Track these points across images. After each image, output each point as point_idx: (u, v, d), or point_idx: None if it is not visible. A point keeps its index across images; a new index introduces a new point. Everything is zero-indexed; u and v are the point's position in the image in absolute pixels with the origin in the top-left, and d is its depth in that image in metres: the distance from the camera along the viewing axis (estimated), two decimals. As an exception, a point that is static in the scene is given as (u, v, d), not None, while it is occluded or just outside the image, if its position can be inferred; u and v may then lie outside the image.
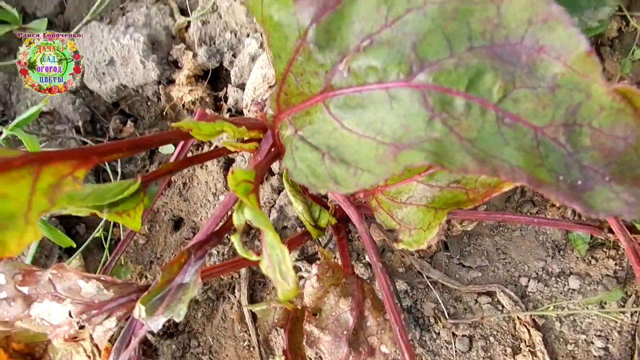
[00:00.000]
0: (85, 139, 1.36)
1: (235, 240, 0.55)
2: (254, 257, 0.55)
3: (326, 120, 0.55)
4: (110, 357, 0.73)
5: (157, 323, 0.62)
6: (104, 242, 1.26)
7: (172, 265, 0.65)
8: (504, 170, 0.46)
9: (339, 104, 0.54)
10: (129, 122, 1.44)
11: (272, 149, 0.82)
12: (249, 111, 1.03)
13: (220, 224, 0.83)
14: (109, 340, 0.81)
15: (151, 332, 1.23)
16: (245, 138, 0.84)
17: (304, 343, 0.78)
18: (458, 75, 0.49)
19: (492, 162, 0.46)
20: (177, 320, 0.62)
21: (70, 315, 0.75)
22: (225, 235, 0.78)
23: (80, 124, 1.36)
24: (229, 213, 0.92)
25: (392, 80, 0.51)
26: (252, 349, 1.18)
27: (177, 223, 1.36)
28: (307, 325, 0.78)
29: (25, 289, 0.79)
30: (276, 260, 0.52)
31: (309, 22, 0.53)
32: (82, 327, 0.76)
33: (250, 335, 1.18)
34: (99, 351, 0.82)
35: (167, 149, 1.38)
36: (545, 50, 0.49)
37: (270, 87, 0.99)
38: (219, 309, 1.22)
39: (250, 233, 1.25)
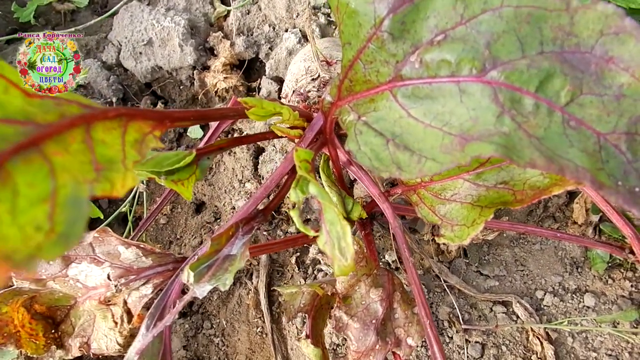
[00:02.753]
0: (116, 115, 1.38)
1: (294, 215, 0.57)
2: (312, 233, 0.57)
3: (392, 108, 0.57)
4: (144, 321, 0.74)
5: (203, 289, 0.64)
6: (129, 216, 1.28)
7: (220, 237, 0.67)
8: (569, 169, 0.48)
9: (407, 94, 0.57)
10: (160, 104, 1.46)
11: (318, 138, 0.84)
12: (288, 101, 1.06)
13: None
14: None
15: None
16: (289, 125, 0.86)
17: (332, 328, 0.79)
18: (529, 76, 0.51)
19: (559, 161, 0.48)
20: (222, 289, 0.64)
21: (108, 277, 0.77)
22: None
23: (113, 100, 1.38)
24: (270, 197, 0.94)
25: (465, 74, 0.53)
26: (264, 335, 1.19)
27: (199, 207, 1.38)
28: (337, 311, 0.80)
29: (65, 250, 0.80)
30: (336, 236, 0.54)
31: (386, 12, 0.56)
32: (118, 291, 0.77)
33: (264, 322, 1.19)
34: (130, 317, 0.84)
35: (195, 133, 1.40)
36: (614, 61, 0.51)
37: (313, 79, 1.02)
38: (235, 294, 1.24)
39: (273, 223, 1.27)
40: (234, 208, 1.29)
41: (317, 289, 0.83)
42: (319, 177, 1.18)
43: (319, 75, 1.01)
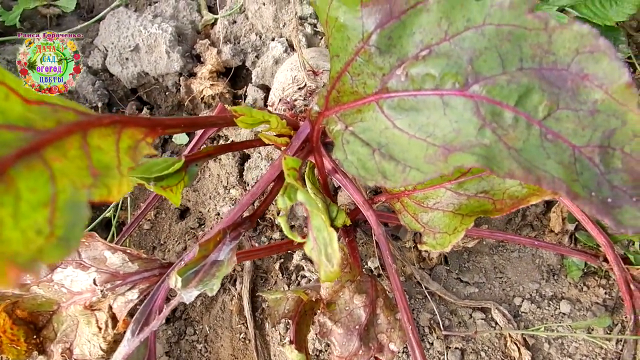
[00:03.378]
0: (101, 120, 1.38)
1: (282, 221, 0.59)
2: (298, 239, 0.58)
3: (378, 119, 0.59)
4: (129, 327, 0.75)
5: (190, 295, 0.65)
6: (112, 221, 1.28)
7: (208, 243, 0.68)
8: (546, 180, 0.50)
9: (392, 105, 0.59)
10: (145, 110, 1.46)
11: (304, 146, 0.85)
12: (275, 109, 1.07)
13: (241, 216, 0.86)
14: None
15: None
16: (276, 133, 0.88)
17: (316, 333, 0.81)
18: (509, 91, 0.54)
19: (536, 172, 0.51)
20: (209, 295, 0.65)
21: (94, 282, 0.77)
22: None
23: (99, 105, 1.38)
24: (255, 204, 0.96)
25: (448, 88, 0.55)
26: (247, 341, 1.20)
27: (183, 212, 1.38)
28: (321, 316, 0.81)
29: (50, 254, 0.80)
30: (322, 243, 0.56)
31: (374, 27, 0.58)
32: (104, 296, 0.78)
33: (247, 328, 1.20)
34: (114, 322, 0.84)
35: (180, 139, 1.41)
36: (589, 78, 0.54)
37: (299, 88, 1.03)
38: (218, 300, 1.24)
39: (257, 229, 1.28)
40: (218, 214, 1.30)
41: (302, 295, 0.84)
42: (304, 184, 1.19)
43: (305, 85, 1.03)
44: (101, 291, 0.77)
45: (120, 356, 0.71)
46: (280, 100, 1.05)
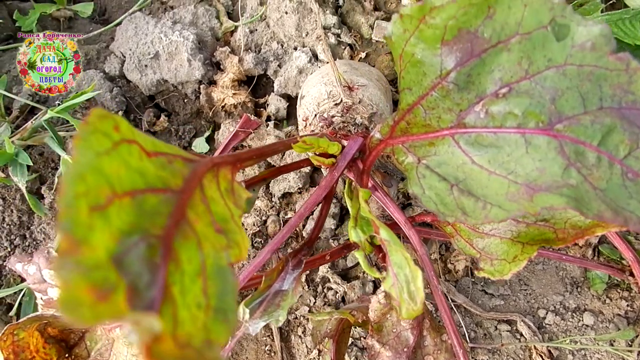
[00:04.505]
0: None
1: (359, 256, 0.59)
2: (377, 275, 0.58)
3: (455, 153, 0.60)
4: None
5: (256, 326, 0.64)
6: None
7: (272, 273, 0.68)
8: (632, 221, 0.51)
9: (470, 141, 0.59)
10: (163, 117, 1.44)
11: (353, 167, 0.86)
12: (310, 124, 1.07)
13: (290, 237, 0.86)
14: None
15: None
16: (319, 153, 0.87)
17: (367, 357, 0.81)
18: (593, 131, 0.54)
19: (623, 213, 0.51)
20: (275, 325, 0.65)
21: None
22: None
23: (119, 113, 1.35)
24: (303, 224, 0.95)
25: (531, 127, 0.56)
26: (273, 354, 1.20)
27: (204, 222, 1.37)
28: (369, 339, 0.81)
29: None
30: (404, 280, 0.56)
31: (454, 65, 0.58)
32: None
33: (273, 340, 1.20)
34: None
35: (201, 147, 1.39)
36: (668, 117, 0.55)
37: (335, 104, 1.03)
38: (244, 312, 1.24)
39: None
40: (242, 225, 1.29)
41: (348, 317, 0.84)
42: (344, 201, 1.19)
43: (341, 100, 1.03)
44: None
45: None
46: (316, 115, 1.04)
